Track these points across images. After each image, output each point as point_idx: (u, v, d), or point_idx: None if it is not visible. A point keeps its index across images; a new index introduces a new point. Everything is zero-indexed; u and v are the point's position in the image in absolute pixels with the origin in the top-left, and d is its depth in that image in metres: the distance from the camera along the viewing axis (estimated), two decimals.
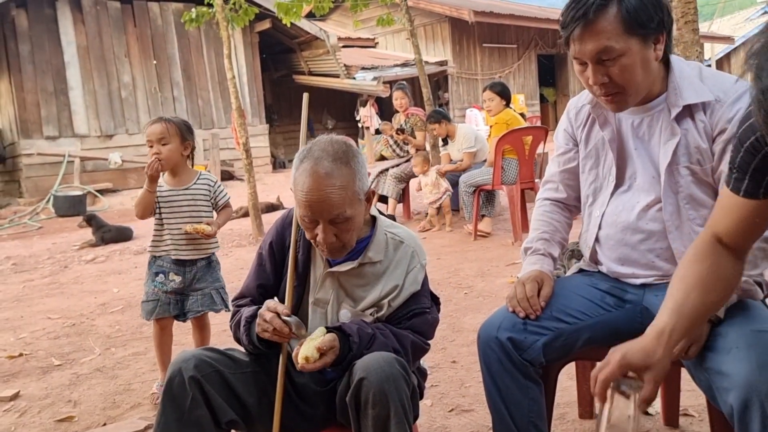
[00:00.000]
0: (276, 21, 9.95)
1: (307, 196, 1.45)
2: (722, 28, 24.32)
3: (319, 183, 1.44)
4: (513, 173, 5.31)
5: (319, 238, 1.48)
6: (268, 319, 1.46)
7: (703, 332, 1.32)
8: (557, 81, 18.52)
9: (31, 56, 10.98)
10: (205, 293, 2.70)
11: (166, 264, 2.70)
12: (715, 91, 1.44)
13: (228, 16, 6.47)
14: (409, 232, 1.67)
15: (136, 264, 5.64)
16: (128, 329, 3.69)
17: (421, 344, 1.61)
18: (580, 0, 1.40)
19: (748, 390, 1.19)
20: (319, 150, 1.49)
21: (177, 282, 2.68)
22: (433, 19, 16.00)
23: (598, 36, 1.39)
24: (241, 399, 1.53)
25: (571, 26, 1.41)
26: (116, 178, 11.51)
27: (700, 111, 1.45)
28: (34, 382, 2.94)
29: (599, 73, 1.42)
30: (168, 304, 2.68)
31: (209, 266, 2.75)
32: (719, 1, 23.85)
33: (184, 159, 2.69)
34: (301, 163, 1.49)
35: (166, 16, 12.25)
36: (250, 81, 13.21)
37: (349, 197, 1.47)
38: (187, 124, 2.72)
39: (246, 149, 6.23)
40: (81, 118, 11.46)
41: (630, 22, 1.38)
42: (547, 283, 1.58)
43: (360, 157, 1.53)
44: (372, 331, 1.53)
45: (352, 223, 1.49)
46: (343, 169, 1.47)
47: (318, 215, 1.46)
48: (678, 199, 1.49)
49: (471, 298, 3.75)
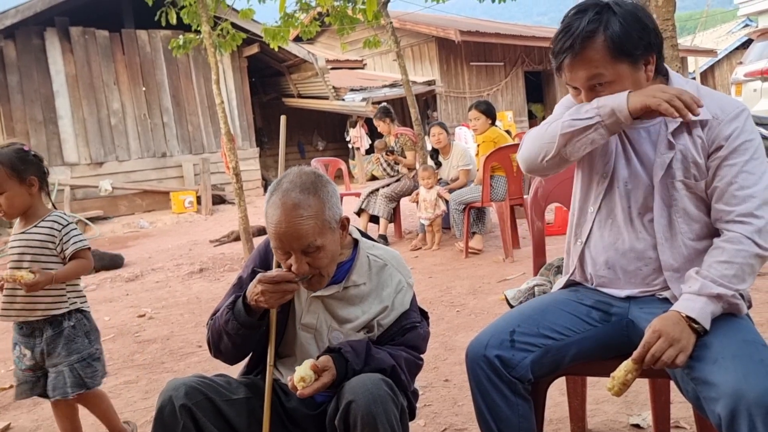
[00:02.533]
0: (264, 45, 10.03)
1: (276, 227, 1.47)
2: (705, 42, 24.70)
3: (287, 214, 1.47)
4: (502, 190, 5.35)
5: (294, 268, 1.49)
6: (274, 275, 1.46)
7: (690, 342, 1.34)
8: (545, 97, 18.71)
9: (20, 86, 11.01)
10: (59, 371, 2.13)
11: (16, 334, 2.22)
12: (712, 109, 1.47)
13: (216, 42, 6.53)
14: (391, 253, 1.69)
15: (128, 291, 5.62)
16: (119, 357, 3.66)
17: (415, 360, 1.63)
18: (569, 30, 1.45)
19: (735, 399, 1.22)
20: (288, 182, 1.52)
21: (28, 357, 2.17)
22: (420, 39, 16.18)
23: (587, 65, 1.44)
24: (232, 426, 1.53)
25: (560, 56, 1.47)
26: (107, 206, 11.48)
27: (698, 127, 1.48)
28: (25, 414, 2.91)
29: (592, 98, 1.47)
30: (27, 383, 2.18)
31: (59, 335, 2.15)
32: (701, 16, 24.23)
33: (35, 197, 2.19)
34: (271, 196, 1.52)
35: (154, 43, 12.33)
36: (239, 105, 13.28)
37: (318, 227, 1.48)
38: (22, 156, 2.13)
39: (236, 173, 6.24)
40: (71, 146, 11.47)
41: (616, 49, 1.42)
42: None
43: (330, 186, 1.55)
44: (364, 339, 1.54)
45: (324, 252, 1.50)
46: (311, 199, 1.49)
47: (288, 246, 1.48)
48: (671, 212, 1.50)
49: (463, 316, 3.76)
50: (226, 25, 7.05)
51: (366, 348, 1.53)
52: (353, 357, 1.49)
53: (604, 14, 1.43)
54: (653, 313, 1.50)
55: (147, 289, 5.63)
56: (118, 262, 6.93)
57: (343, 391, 1.43)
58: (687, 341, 1.34)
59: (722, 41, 24.66)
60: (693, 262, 1.50)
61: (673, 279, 1.50)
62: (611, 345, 1.57)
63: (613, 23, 1.42)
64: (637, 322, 1.54)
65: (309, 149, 16.69)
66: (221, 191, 12.43)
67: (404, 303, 1.62)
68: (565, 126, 1.48)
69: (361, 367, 1.49)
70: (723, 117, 1.46)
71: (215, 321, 1.61)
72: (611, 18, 1.42)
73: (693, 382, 1.33)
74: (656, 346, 1.32)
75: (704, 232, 1.50)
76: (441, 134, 6.06)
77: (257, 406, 1.57)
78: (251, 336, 1.56)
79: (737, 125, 1.45)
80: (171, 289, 5.56)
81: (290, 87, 14.66)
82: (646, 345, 1.34)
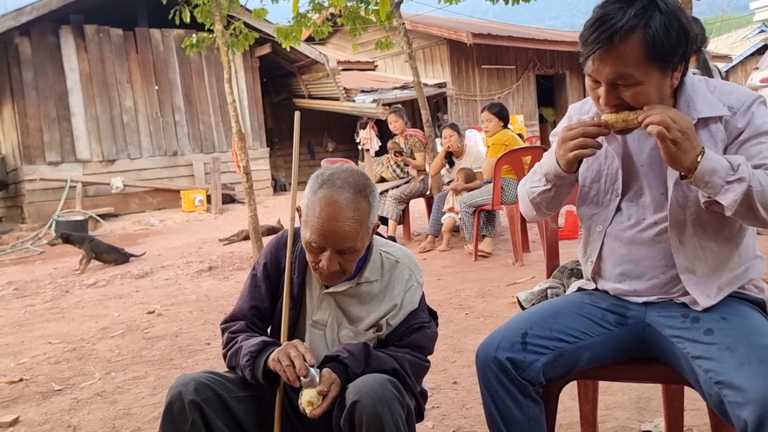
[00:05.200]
0: (276, 45, 10.05)
1: (322, 224, 1.45)
2: (720, 47, 24.52)
3: (337, 213, 1.44)
4: (513, 193, 5.32)
5: (323, 264, 1.48)
6: (293, 356, 1.43)
7: (686, 147, 1.31)
8: (556, 101, 18.63)
9: (35, 83, 11.09)
10: None
11: None
12: (726, 102, 1.44)
13: (228, 41, 6.55)
14: (404, 251, 1.68)
15: (137, 288, 5.64)
16: (128, 353, 3.67)
17: (419, 362, 1.61)
18: (608, 20, 1.33)
19: (763, 405, 1.20)
20: (340, 180, 1.48)
21: None
22: (432, 41, 16.17)
23: (618, 61, 1.34)
24: (240, 423, 1.53)
25: (592, 46, 1.36)
26: (118, 203, 11.54)
27: (717, 122, 1.44)
28: (33, 408, 2.92)
29: (612, 95, 1.40)
30: None
31: None
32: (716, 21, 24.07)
33: None
34: (320, 188, 1.48)
35: (167, 42, 12.39)
36: (250, 105, 13.32)
37: (361, 231, 1.47)
38: None
39: (246, 172, 6.26)
40: (83, 143, 11.54)
41: (653, 51, 1.33)
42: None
43: (376, 191, 1.54)
44: (360, 342, 1.53)
45: (357, 254, 1.51)
46: (362, 202, 1.48)
47: (328, 244, 1.46)
48: (686, 215, 1.46)
49: (472, 319, 3.74)
50: (238, 25, 7.07)
51: (364, 351, 1.51)
52: (352, 362, 1.48)
53: (649, 10, 1.33)
54: (671, 316, 1.48)
55: (156, 286, 5.65)
56: (120, 251, 7.02)
57: (348, 391, 1.42)
58: (686, 144, 1.30)
59: (737, 47, 24.49)
60: (709, 264, 1.47)
61: (690, 282, 1.47)
62: (627, 349, 1.55)
63: (657, 22, 1.32)
64: (654, 326, 1.50)
65: (319, 150, 16.70)
66: (231, 190, 12.47)
67: (413, 301, 1.61)
68: (530, 193, 1.62)
69: (362, 370, 1.48)
70: (738, 107, 1.44)
71: (236, 352, 1.58)
72: (655, 16, 1.33)
73: (717, 386, 1.30)
74: (670, 122, 1.30)
75: (720, 232, 1.47)
76: (452, 136, 6.02)
77: (265, 404, 1.56)
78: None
79: (754, 111, 1.43)
80: (180, 286, 5.58)
81: (301, 87, 14.68)
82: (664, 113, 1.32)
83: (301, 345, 1.48)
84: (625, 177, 1.54)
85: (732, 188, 1.31)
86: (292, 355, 1.44)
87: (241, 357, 1.55)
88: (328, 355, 1.53)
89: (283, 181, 15.33)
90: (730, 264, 1.49)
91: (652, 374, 1.60)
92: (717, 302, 1.46)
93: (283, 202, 11.97)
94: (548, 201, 1.61)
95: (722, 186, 1.32)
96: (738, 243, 1.50)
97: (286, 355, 1.44)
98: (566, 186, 1.57)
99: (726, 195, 1.32)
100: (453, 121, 6.25)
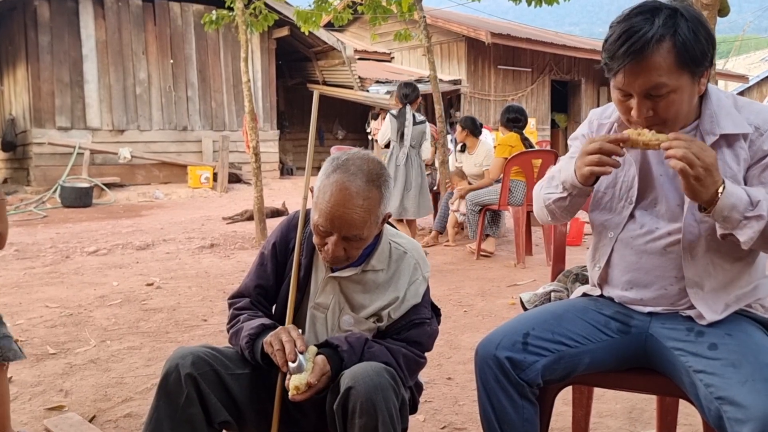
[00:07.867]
0: (294, 29, 10.02)
1: (331, 208, 1.44)
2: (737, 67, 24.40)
3: (347, 199, 1.44)
4: (520, 195, 5.31)
5: (328, 248, 1.48)
6: (284, 341, 1.45)
7: (708, 183, 1.30)
8: (570, 107, 18.56)
9: (50, 47, 11.08)
10: None
11: None
12: (753, 121, 1.43)
13: (248, 21, 6.52)
14: (413, 243, 1.67)
15: (138, 259, 5.65)
16: (125, 323, 3.68)
17: (415, 357, 1.60)
18: (636, 31, 1.32)
19: (764, 423, 1.20)
20: (354, 166, 1.47)
21: None
22: (450, 37, 16.09)
23: (650, 72, 1.33)
24: (235, 400, 1.52)
25: (623, 59, 1.34)
26: (124, 173, 11.55)
27: (740, 140, 1.42)
28: (27, 369, 2.93)
29: (645, 107, 1.38)
30: None
31: None
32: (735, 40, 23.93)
33: None
34: (333, 173, 1.48)
35: (186, 16, 12.36)
36: (264, 86, 13.28)
37: (370, 219, 1.47)
38: None
39: (256, 153, 6.25)
40: (94, 111, 11.54)
41: (684, 57, 1.33)
42: None
43: (390, 181, 1.53)
44: (363, 336, 1.52)
45: (363, 243, 1.51)
46: (374, 191, 1.47)
47: (335, 229, 1.46)
48: (700, 229, 1.44)
49: (470, 317, 3.74)
50: (259, 5, 7.05)
51: (363, 345, 1.51)
52: (349, 356, 1.48)
53: (675, 18, 1.33)
54: (675, 329, 1.46)
55: (157, 259, 5.66)
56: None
57: (343, 377, 1.41)
58: (709, 180, 1.29)
59: (754, 68, 24.37)
60: (719, 280, 1.46)
61: (697, 297, 1.46)
62: (627, 358, 1.54)
63: (685, 29, 1.33)
64: (657, 337, 1.49)
65: (329, 137, 16.67)
66: (238, 170, 12.47)
67: (417, 295, 1.60)
68: (546, 199, 1.61)
69: (356, 363, 1.47)
70: (766, 128, 1.42)
71: (237, 332, 1.60)
72: (682, 23, 1.33)
73: (718, 401, 1.30)
74: (693, 158, 1.28)
75: (734, 252, 1.45)
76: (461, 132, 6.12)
77: (261, 383, 1.56)
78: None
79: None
80: (180, 261, 5.58)
81: (316, 73, 14.64)
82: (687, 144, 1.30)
83: (294, 331, 1.49)
84: (641, 185, 1.52)
85: (750, 225, 1.32)
86: (284, 340, 1.45)
87: (241, 338, 1.57)
88: (330, 342, 1.52)
89: (291, 165, 15.33)
90: (740, 282, 1.48)
91: (650, 385, 1.59)
92: (723, 318, 1.45)
93: (289, 186, 11.96)
94: (563, 209, 1.60)
95: (740, 221, 1.32)
96: (750, 263, 1.49)
97: (278, 339, 1.46)
98: (582, 196, 1.56)
99: (743, 231, 1.33)
100: (471, 117, 6.28)
